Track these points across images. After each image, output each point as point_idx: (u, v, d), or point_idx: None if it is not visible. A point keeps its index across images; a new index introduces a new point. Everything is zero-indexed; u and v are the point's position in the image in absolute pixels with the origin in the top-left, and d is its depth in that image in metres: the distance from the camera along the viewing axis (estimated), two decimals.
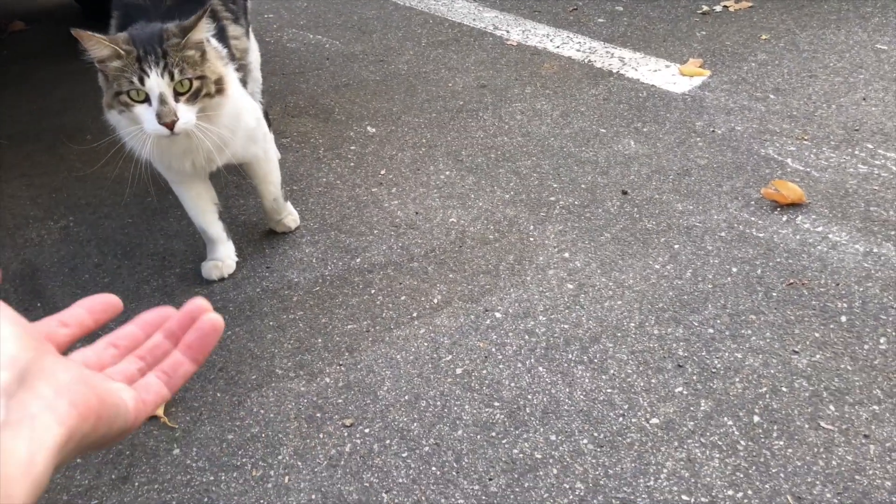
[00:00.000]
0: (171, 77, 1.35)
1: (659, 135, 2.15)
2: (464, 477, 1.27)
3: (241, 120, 1.58)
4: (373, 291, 1.71)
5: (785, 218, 1.77)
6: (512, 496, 1.23)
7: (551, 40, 2.82)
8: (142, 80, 1.34)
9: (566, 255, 1.74)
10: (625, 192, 1.93)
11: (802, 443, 1.24)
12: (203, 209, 1.73)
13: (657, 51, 2.65)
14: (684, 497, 1.19)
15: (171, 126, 1.36)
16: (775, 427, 1.28)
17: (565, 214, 1.88)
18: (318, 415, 1.42)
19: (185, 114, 1.38)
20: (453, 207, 1.95)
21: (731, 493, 1.18)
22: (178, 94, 1.37)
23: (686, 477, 1.22)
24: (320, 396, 1.46)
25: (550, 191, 1.97)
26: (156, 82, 1.34)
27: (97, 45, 1.34)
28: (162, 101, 1.35)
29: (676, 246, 1.73)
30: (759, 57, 2.52)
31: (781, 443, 1.25)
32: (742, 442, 1.26)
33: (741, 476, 1.21)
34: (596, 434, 1.31)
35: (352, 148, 2.26)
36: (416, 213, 1.95)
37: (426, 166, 2.13)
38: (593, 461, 1.27)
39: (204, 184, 1.73)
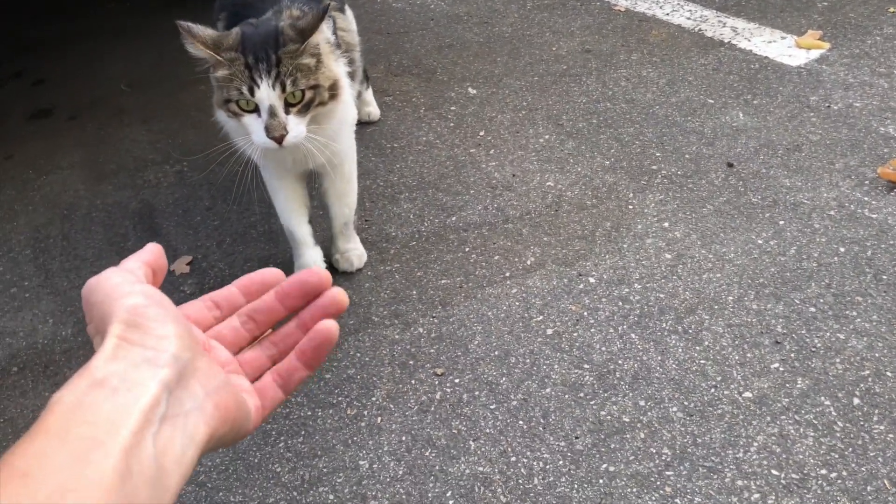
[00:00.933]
0: (283, 88, 1.24)
1: (770, 108, 2.08)
2: (550, 433, 1.29)
3: (345, 124, 1.50)
4: (467, 249, 1.74)
5: None
6: (597, 455, 1.24)
7: (661, 7, 2.74)
8: (251, 91, 1.23)
9: (665, 224, 1.72)
10: (730, 165, 1.88)
11: None
12: (294, 209, 1.59)
13: (773, 21, 2.53)
14: (774, 472, 1.17)
15: (280, 140, 1.26)
16: (876, 411, 1.24)
17: (667, 184, 1.85)
18: (411, 362, 1.47)
19: (296, 127, 1.28)
20: (551, 171, 1.95)
21: (824, 472, 1.16)
22: (289, 105, 1.26)
23: (777, 452, 1.20)
24: (413, 345, 1.51)
25: (653, 159, 1.94)
26: (266, 94, 1.23)
27: (200, 50, 1.24)
28: (272, 113, 1.25)
29: (782, 222, 1.68)
30: (886, 31, 2.38)
31: (882, 427, 1.21)
32: (839, 423, 1.23)
33: (836, 456, 1.18)
34: (686, 403, 1.31)
35: (452, 108, 2.28)
36: (514, 175, 1.96)
37: (525, 129, 2.13)
38: (682, 429, 1.27)
39: (299, 182, 1.59)
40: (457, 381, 1.42)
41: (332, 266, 1.69)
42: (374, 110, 2.23)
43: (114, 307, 0.42)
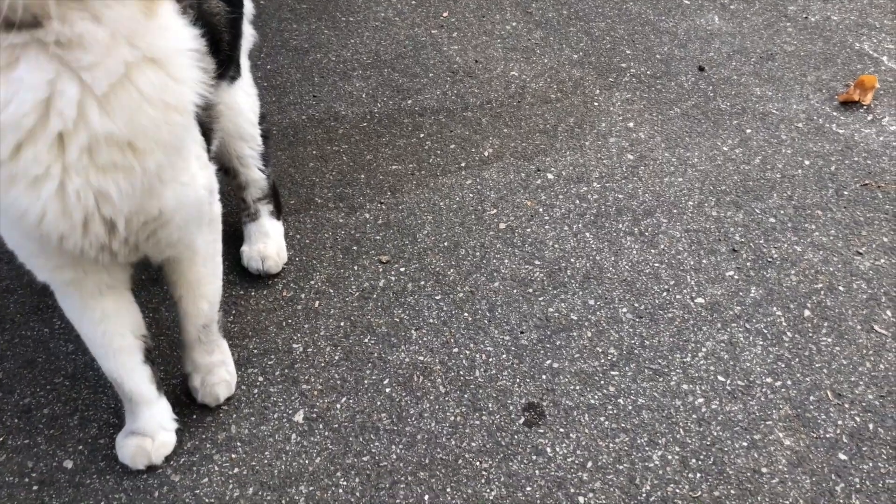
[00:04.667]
0: None
1: (746, 14, 1.98)
2: (495, 326, 1.24)
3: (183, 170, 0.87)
4: (422, 135, 1.63)
5: (870, 117, 1.64)
6: (542, 351, 1.20)
7: None
8: None
9: (630, 124, 1.64)
10: (701, 69, 1.80)
11: (852, 343, 1.19)
12: (117, 345, 0.98)
13: None
14: (720, 378, 1.15)
15: None
16: (825, 324, 1.22)
17: (635, 83, 1.76)
18: (355, 248, 1.38)
19: None
20: (516, 61, 1.83)
21: (769, 380, 1.14)
22: None
23: (725, 359, 1.18)
24: (358, 230, 1.42)
25: (622, 56, 1.84)
26: None
27: None
28: None
29: (749, 130, 1.62)
30: None
31: (830, 340, 1.20)
32: (788, 333, 1.21)
33: (782, 366, 1.16)
34: (637, 305, 1.27)
35: None
36: (476, 61, 1.84)
37: (492, 14, 1.99)
38: (630, 330, 1.23)
39: (120, 288, 0.97)
40: (402, 269, 1.35)
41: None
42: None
43: None
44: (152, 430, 1.03)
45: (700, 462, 1.04)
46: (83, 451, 1.07)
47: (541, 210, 1.45)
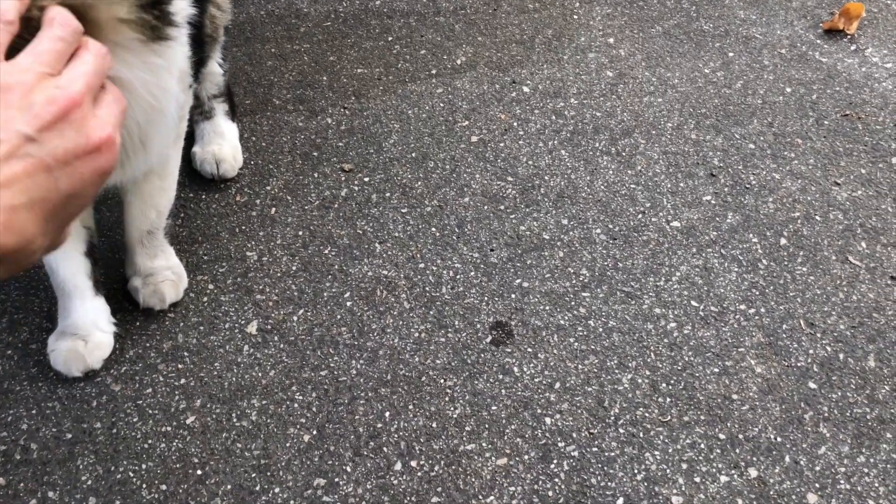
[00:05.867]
0: None
1: None
2: (464, 243, 1.18)
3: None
4: (390, 39, 1.52)
5: (853, 47, 1.59)
6: (512, 269, 1.14)
7: None
8: None
9: (611, 40, 1.56)
10: None
11: (826, 273, 1.16)
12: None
13: None
14: (693, 303, 1.12)
15: None
16: (801, 253, 1.19)
17: None
18: (315, 154, 1.29)
19: None
20: None
21: (742, 307, 1.11)
22: None
23: (699, 284, 1.14)
24: (319, 136, 1.32)
25: None
26: None
27: None
28: None
29: (731, 54, 1.55)
30: None
31: (804, 269, 1.17)
32: (764, 261, 1.18)
33: (756, 293, 1.13)
34: (611, 226, 1.22)
35: None
36: None
37: None
38: (603, 251, 1.18)
39: None
40: (366, 179, 1.26)
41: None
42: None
43: None
44: (86, 329, 0.94)
45: (670, 387, 1.01)
46: (12, 356, 0.98)
47: (515, 124, 1.37)
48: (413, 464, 0.92)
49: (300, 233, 1.17)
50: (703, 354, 1.05)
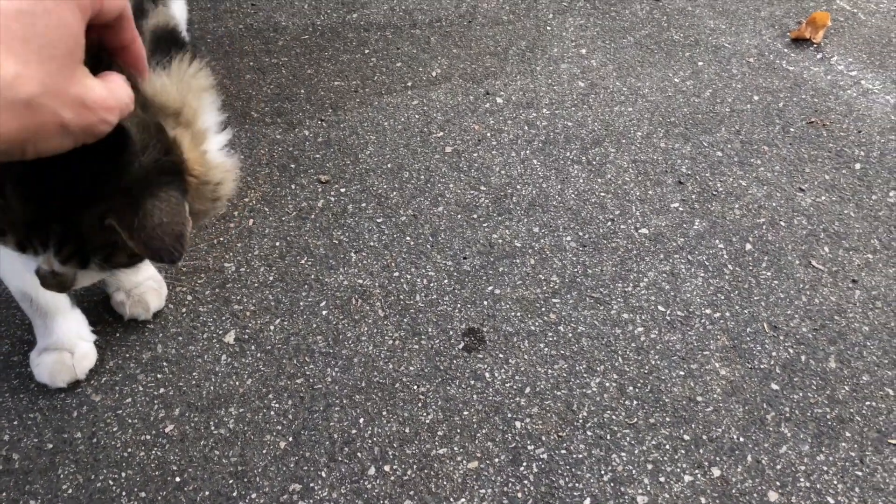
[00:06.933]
0: (85, 263, 0.67)
1: None
2: (438, 251, 1.21)
3: None
4: (367, 51, 1.55)
5: (819, 56, 1.63)
6: (484, 277, 1.17)
7: None
8: (23, 248, 0.65)
9: (583, 51, 1.60)
10: None
11: (790, 277, 1.20)
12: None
13: None
14: (660, 308, 1.15)
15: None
16: (766, 258, 1.23)
17: (589, 9, 1.70)
18: (293, 165, 1.32)
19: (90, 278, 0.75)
20: None
21: (708, 311, 1.15)
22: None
23: (666, 289, 1.17)
24: (297, 148, 1.35)
25: None
26: (47, 261, 0.66)
27: None
28: (53, 272, 0.68)
29: (700, 63, 1.59)
30: None
31: (769, 274, 1.21)
32: (729, 266, 1.21)
33: (722, 298, 1.17)
34: (581, 234, 1.25)
35: None
36: None
37: None
38: (573, 258, 1.21)
39: None
40: (342, 190, 1.29)
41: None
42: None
43: None
44: (70, 342, 0.96)
45: (637, 390, 1.05)
46: None
47: (489, 135, 1.41)
48: (386, 468, 0.95)
49: (277, 243, 1.20)
50: (670, 358, 1.09)
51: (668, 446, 0.98)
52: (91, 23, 0.46)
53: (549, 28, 1.65)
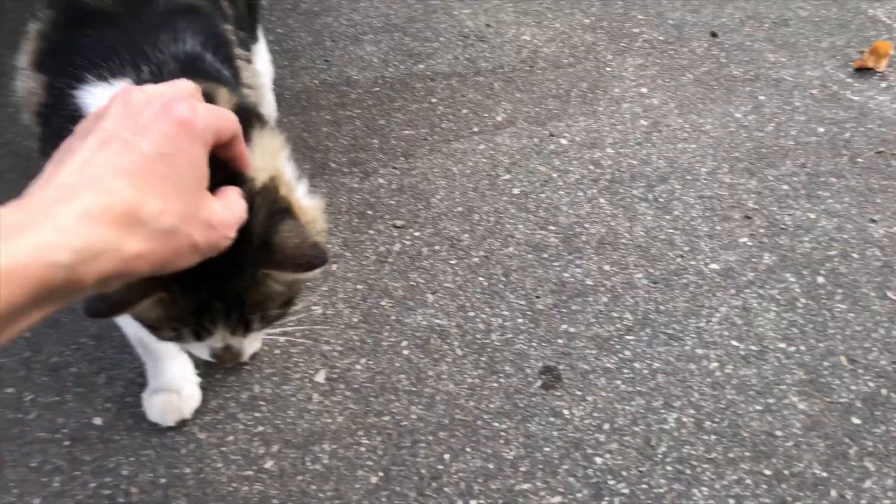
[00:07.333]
0: (248, 328, 0.78)
1: None
2: (511, 291, 1.25)
3: None
4: (434, 100, 1.63)
5: (884, 85, 1.64)
6: (558, 316, 1.21)
7: None
8: (200, 337, 0.75)
9: (643, 90, 1.64)
10: (714, 35, 1.78)
11: (865, 309, 1.20)
12: None
13: None
14: (734, 342, 1.17)
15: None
16: (839, 290, 1.24)
17: (647, 48, 1.75)
18: (370, 212, 1.39)
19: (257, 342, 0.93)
20: (528, 25, 1.82)
21: (783, 345, 1.16)
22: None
23: (739, 324, 1.19)
24: (373, 195, 1.42)
25: (634, 22, 1.82)
26: (222, 336, 0.77)
27: None
28: (227, 348, 0.79)
29: (762, 97, 1.62)
30: None
31: (843, 306, 1.21)
32: (802, 300, 1.22)
33: (796, 331, 1.18)
34: (651, 270, 1.28)
35: None
36: (487, 25, 1.82)
37: None
38: (645, 295, 1.24)
39: None
40: (417, 234, 1.35)
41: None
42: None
43: None
44: (178, 385, 1.05)
45: (715, 424, 1.06)
46: (111, 409, 1.08)
47: (554, 175, 1.45)
48: (473, 503, 0.99)
49: (359, 286, 1.26)
50: (746, 392, 1.10)
51: (749, 481, 1.00)
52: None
53: (608, 69, 1.69)
